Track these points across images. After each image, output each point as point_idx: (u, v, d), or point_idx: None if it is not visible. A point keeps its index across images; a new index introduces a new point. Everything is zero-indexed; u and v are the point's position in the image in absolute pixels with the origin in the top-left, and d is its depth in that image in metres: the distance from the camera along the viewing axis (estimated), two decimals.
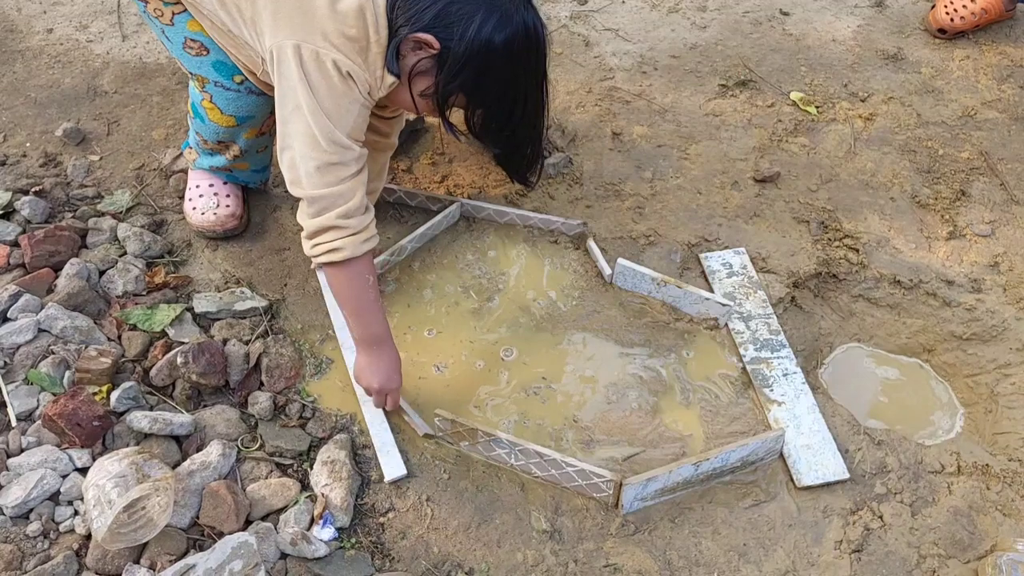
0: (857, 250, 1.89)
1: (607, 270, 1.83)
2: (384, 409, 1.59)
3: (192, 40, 1.59)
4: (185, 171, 1.92)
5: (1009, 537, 1.47)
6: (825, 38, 2.42)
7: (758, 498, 1.53)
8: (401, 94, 1.47)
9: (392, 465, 1.52)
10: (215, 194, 1.82)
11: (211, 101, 1.65)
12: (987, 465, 1.57)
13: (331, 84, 1.37)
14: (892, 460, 1.57)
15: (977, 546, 1.48)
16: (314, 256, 1.46)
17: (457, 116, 1.49)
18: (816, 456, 1.56)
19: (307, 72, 1.36)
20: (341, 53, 1.36)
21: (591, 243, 1.88)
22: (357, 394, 1.62)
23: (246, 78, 1.60)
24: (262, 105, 1.66)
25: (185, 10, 1.57)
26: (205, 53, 1.59)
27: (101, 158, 1.99)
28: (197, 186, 1.83)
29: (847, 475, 1.54)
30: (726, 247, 1.91)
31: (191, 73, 1.63)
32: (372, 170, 1.76)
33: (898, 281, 1.85)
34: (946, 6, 2.38)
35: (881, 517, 1.50)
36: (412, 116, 1.96)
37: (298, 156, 1.40)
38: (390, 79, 1.41)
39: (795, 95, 2.24)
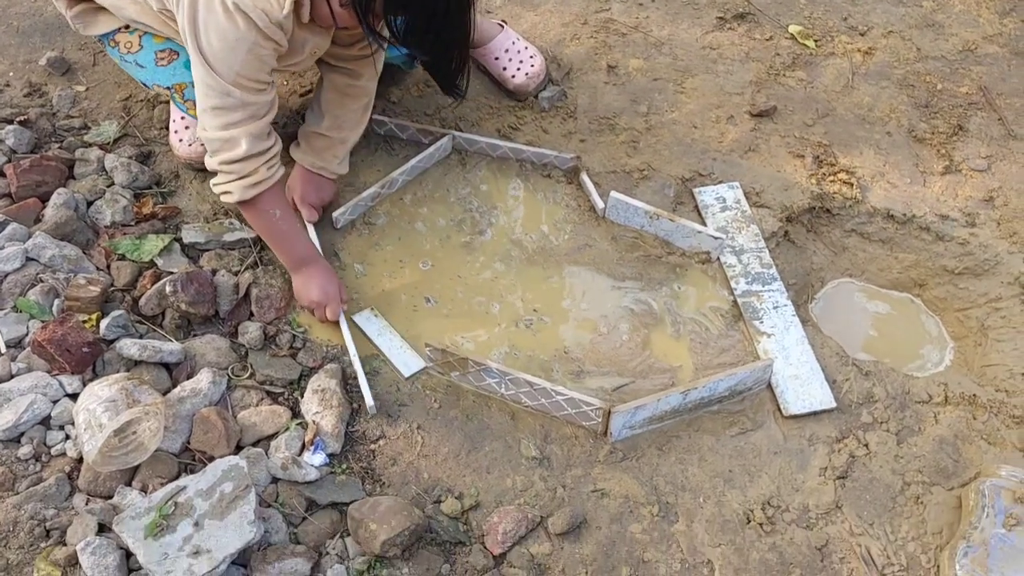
0: (852, 184, 1.88)
1: (600, 204, 1.82)
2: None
3: (161, 52, 1.62)
4: (168, 102, 1.89)
5: (993, 464, 1.48)
6: None
7: (745, 427, 1.54)
8: (320, 8, 1.43)
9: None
10: None
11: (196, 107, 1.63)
12: (974, 395, 1.58)
13: (217, 23, 1.35)
14: (879, 390, 1.58)
15: (961, 473, 1.49)
16: (216, 194, 1.53)
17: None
18: (804, 386, 1.57)
19: (196, 13, 1.35)
20: None
21: (584, 177, 1.86)
22: (342, 329, 1.62)
23: None
24: None
25: (148, 32, 1.61)
26: (176, 56, 1.61)
27: (87, 88, 1.96)
28: (182, 117, 1.81)
29: (834, 404, 1.55)
30: (720, 181, 1.89)
31: (170, 88, 1.64)
32: (347, 119, 1.73)
33: (891, 216, 1.84)
34: None
35: (867, 445, 1.51)
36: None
37: (196, 96, 1.43)
38: None
39: (793, 28, 2.20)
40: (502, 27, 2.03)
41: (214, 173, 1.51)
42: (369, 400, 1.52)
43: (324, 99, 1.73)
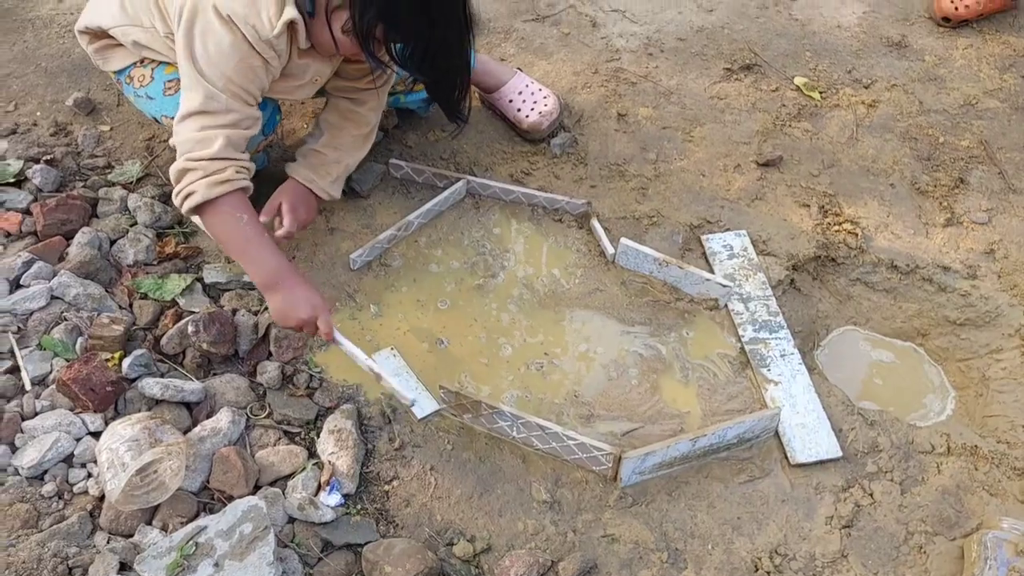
0: (856, 235, 1.93)
1: (610, 249, 1.86)
2: (370, 361, 1.60)
3: (169, 81, 1.66)
4: None
5: (995, 516, 1.51)
6: (830, 24, 2.44)
7: (753, 474, 1.57)
8: (322, 34, 1.48)
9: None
10: None
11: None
12: (976, 446, 1.62)
13: (213, 30, 1.41)
14: (884, 440, 1.61)
15: (964, 524, 1.52)
16: (178, 205, 1.51)
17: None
18: (810, 434, 1.60)
19: (193, 22, 1.42)
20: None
21: (595, 222, 1.91)
22: (339, 339, 1.62)
23: None
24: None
25: (161, 63, 1.66)
26: None
27: (111, 128, 2.01)
28: None
29: (840, 453, 1.58)
30: (727, 229, 1.94)
31: None
32: (344, 141, 1.78)
33: (895, 266, 1.89)
34: None
35: (871, 494, 1.54)
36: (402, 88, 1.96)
37: (181, 100, 1.47)
38: (289, 15, 1.42)
39: (799, 80, 2.26)
40: (516, 72, 2.08)
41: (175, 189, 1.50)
42: (409, 396, 1.54)
43: (325, 119, 1.79)
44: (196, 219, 1.69)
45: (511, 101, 2.04)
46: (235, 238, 1.51)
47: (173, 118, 1.63)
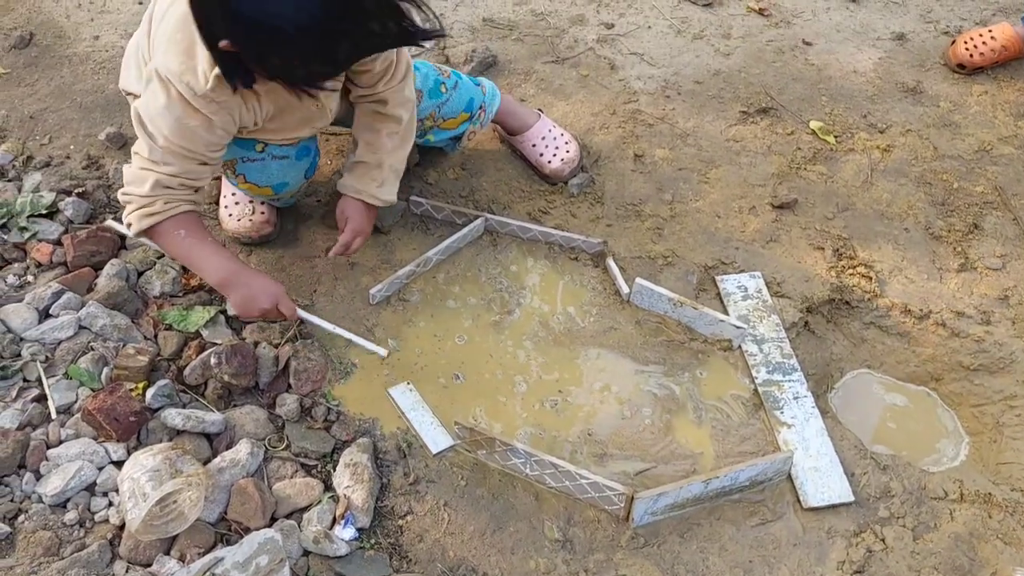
0: (870, 278, 1.94)
1: (625, 288, 1.89)
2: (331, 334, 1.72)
3: None
4: (220, 177, 1.99)
5: (1009, 565, 1.51)
6: (846, 69, 2.47)
7: (765, 517, 1.58)
8: (266, 82, 1.48)
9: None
10: (250, 201, 1.89)
11: (246, 180, 1.75)
12: (989, 494, 1.61)
13: (154, 89, 1.48)
14: (896, 485, 1.61)
15: (977, 572, 1.52)
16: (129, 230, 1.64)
17: None
18: (823, 478, 1.61)
19: (148, 80, 1.50)
20: (165, 56, 1.46)
21: (610, 262, 1.94)
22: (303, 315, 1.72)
23: (266, 144, 1.69)
24: (289, 169, 1.75)
25: None
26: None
27: None
28: (233, 193, 1.90)
29: (852, 498, 1.58)
30: (742, 270, 1.96)
31: (223, 164, 1.74)
32: (380, 143, 1.76)
33: (909, 310, 1.90)
34: (966, 42, 2.43)
35: (883, 540, 1.54)
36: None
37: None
38: (217, 71, 1.42)
39: (815, 124, 2.29)
40: (539, 115, 2.13)
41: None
42: (382, 352, 1.69)
43: (356, 129, 1.81)
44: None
45: (534, 146, 2.09)
46: (181, 252, 1.65)
47: (223, 166, 1.74)
